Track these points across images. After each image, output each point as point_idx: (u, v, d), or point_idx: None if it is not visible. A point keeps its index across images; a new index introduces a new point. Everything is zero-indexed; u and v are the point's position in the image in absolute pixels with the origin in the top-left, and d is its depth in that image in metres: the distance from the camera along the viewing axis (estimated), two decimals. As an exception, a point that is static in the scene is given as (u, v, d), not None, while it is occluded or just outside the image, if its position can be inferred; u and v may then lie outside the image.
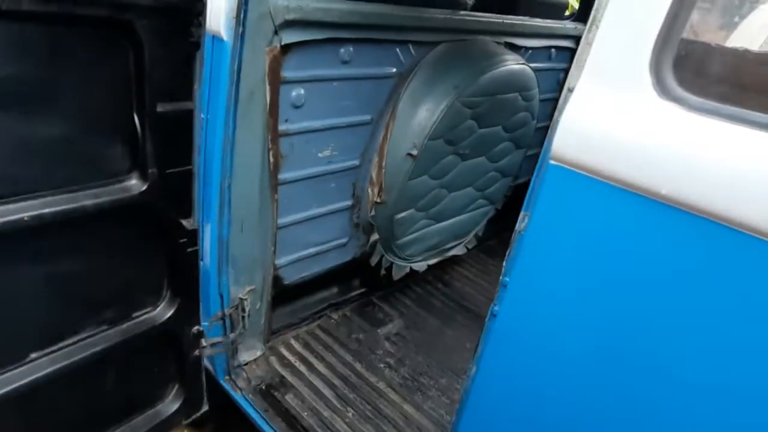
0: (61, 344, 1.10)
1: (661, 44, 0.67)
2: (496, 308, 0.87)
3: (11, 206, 0.90)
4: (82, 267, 1.08)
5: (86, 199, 1.00)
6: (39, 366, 1.07)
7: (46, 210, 0.94)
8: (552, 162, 0.77)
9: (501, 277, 0.85)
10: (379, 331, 1.98)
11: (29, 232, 0.94)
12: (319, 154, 1.60)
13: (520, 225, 0.81)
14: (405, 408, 1.65)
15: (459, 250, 2.41)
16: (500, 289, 0.86)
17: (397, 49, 1.67)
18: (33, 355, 1.07)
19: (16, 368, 1.04)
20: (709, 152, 0.64)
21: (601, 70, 0.72)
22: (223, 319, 1.50)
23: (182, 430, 1.99)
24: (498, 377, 0.90)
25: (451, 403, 1.69)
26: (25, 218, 0.92)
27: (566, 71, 2.64)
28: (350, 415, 1.59)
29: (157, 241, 1.20)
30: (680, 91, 0.67)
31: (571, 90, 0.75)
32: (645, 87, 0.68)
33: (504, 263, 0.85)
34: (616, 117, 0.72)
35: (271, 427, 1.51)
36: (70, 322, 1.11)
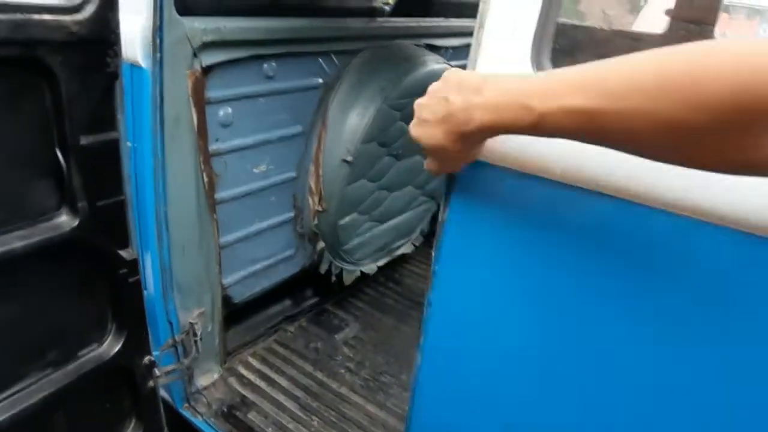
0: (3, 394, 1.07)
1: (539, 40, 0.73)
2: (431, 297, 0.91)
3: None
4: (19, 312, 1.05)
5: (15, 241, 0.98)
6: (-21, 420, 1.04)
7: (-25, 256, 0.92)
8: None
9: (432, 266, 0.89)
10: (336, 337, 2.00)
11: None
12: (255, 170, 1.61)
13: (441, 216, 0.86)
14: (369, 408, 1.68)
15: (407, 249, 2.46)
16: (432, 278, 0.90)
17: (321, 60, 1.71)
18: (-28, 410, 1.03)
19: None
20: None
21: (491, 68, 0.78)
22: (174, 346, 1.49)
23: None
24: (441, 363, 0.94)
25: (413, 397, 1.73)
26: (-49, 268, 0.89)
27: (488, 65, 2.74)
28: (315, 423, 1.61)
29: (95, 275, 1.17)
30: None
31: None
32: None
33: (433, 252, 0.89)
34: None
35: (237, 447, 1.51)
36: (10, 370, 1.07)
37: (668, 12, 1.97)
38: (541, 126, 0.54)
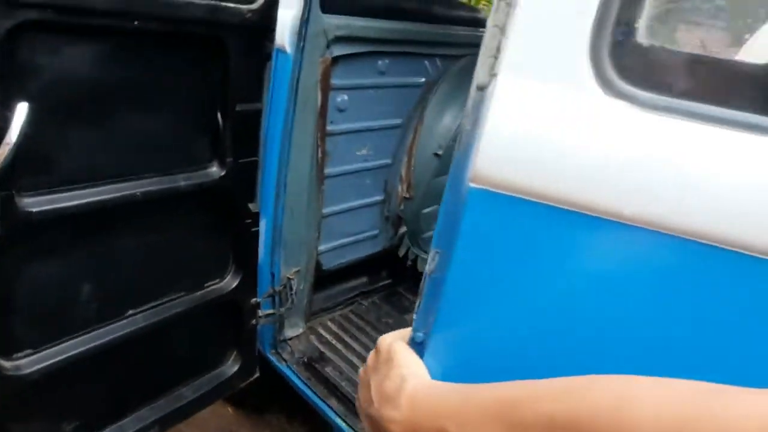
0: (151, 304, 1.31)
1: (599, 27, 0.57)
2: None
3: (129, 183, 1.12)
4: (173, 239, 1.29)
5: (181, 181, 1.22)
6: (134, 322, 1.28)
7: (153, 188, 1.16)
8: (473, 185, 0.61)
9: (412, 333, 0.68)
10: (406, 317, 2.17)
11: (139, 206, 1.16)
12: (357, 153, 1.82)
13: (429, 266, 0.66)
14: (431, 381, 1.84)
15: (477, 247, 2.61)
16: (412, 347, 0.67)
17: (426, 62, 1.90)
18: (130, 312, 1.28)
19: (116, 322, 1.26)
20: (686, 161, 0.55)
21: (524, 61, 0.59)
22: (272, 296, 1.71)
23: (227, 407, 2.20)
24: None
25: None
26: (138, 194, 1.14)
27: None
28: (383, 384, 1.78)
29: (228, 220, 1.41)
30: (627, 86, 0.58)
31: (481, 88, 0.61)
32: (585, 80, 0.57)
33: (414, 315, 0.69)
34: (554, 121, 0.59)
35: (315, 393, 1.71)
36: (159, 286, 1.32)
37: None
38: None
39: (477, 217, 0.63)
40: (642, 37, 0.66)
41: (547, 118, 0.61)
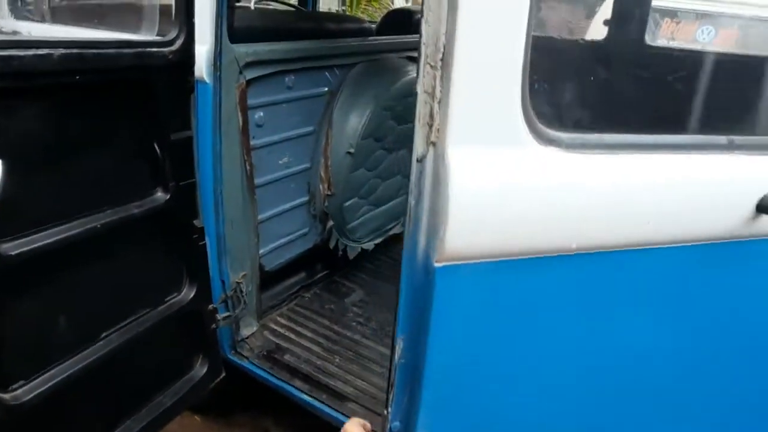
0: (121, 324, 1.45)
1: (528, 82, 0.57)
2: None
3: (90, 218, 1.27)
4: (133, 261, 1.44)
5: (134, 209, 1.37)
6: (108, 342, 1.42)
7: (110, 219, 1.31)
8: (439, 265, 0.58)
9: (389, 423, 0.63)
10: (345, 300, 2.41)
11: (101, 237, 1.30)
12: (280, 162, 2.03)
13: (396, 353, 0.62)
14: (380, 349, 2.09)
15: (399, 230, 2.88)
16: None
17: (326, 73, 2.13)
18: (103, 334, 1.42)
19: (93, 345, 1.39)
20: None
21: (469, 130, 0.60)
22: (225, 301, 1.89)
23: (194, 417, 2.33)
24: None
25: (413, 340, 2.15)
26: (98, 226, 1.29)
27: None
28: (337, 360, 2.01)
29: (177, 238, 1.57)
30: (552, 132, 0.61)
31: (420, 160, 0.60)
32: (522, 136, 0.60)
33: (389, 407, 0.63)
34: (509, 180, 0.60)
35: (279, 378, 1.91)
36: (126, 307, 1.46)
37: (605, 22, 2.45)
38: None
39: (451, 294, 0.61)
40: (557, 86, 0.76)
41: (503, 179, 0.63)
